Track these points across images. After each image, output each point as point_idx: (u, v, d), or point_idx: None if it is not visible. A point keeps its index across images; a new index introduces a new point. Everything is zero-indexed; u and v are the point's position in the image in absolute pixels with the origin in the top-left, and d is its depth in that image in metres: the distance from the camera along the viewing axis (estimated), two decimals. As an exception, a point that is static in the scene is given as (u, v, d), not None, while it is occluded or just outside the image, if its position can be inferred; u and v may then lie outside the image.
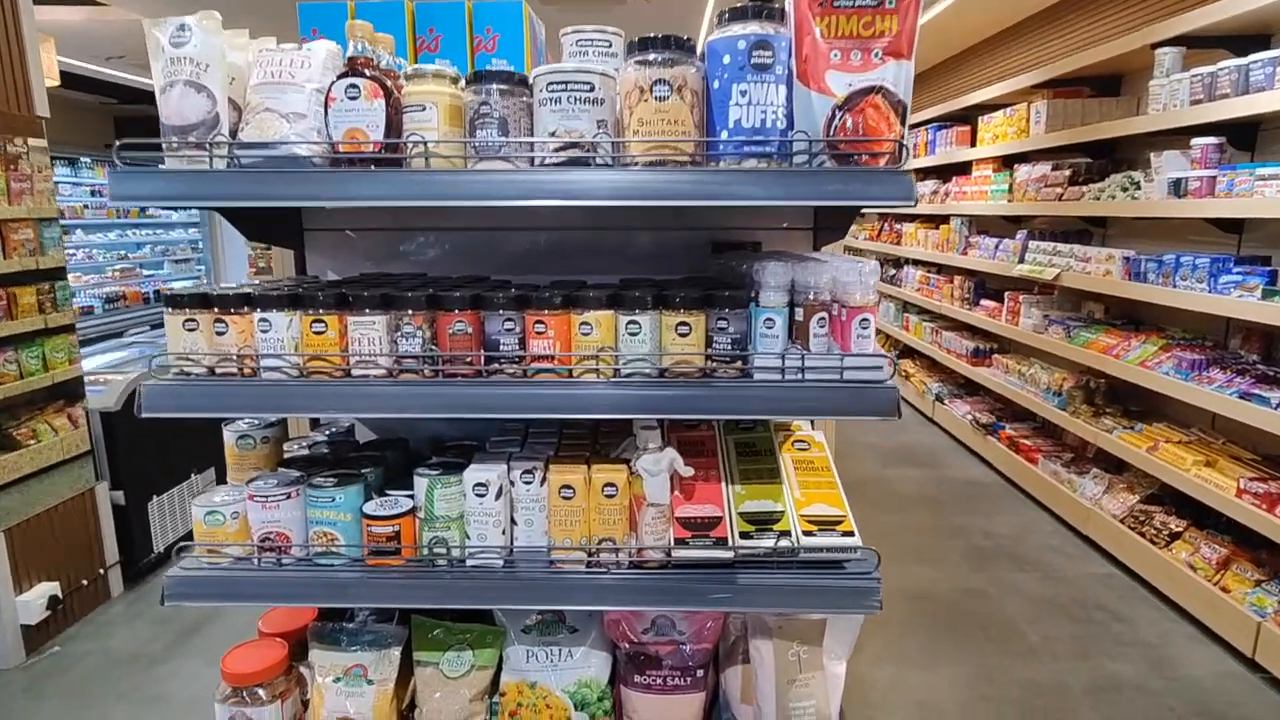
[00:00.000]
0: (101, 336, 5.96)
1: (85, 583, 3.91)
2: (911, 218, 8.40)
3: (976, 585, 4.22)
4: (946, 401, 7.16)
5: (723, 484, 1.46)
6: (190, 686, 3.30)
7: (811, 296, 1.32)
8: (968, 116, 6.96)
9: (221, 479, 3.98)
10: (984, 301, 6.56)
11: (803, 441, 1.62)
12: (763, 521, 1.40)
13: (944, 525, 5.05)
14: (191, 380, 1.30)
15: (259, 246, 7.23)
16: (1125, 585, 4.24)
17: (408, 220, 1.86)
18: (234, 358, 1.31)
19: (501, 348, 1.31)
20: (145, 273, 8.96)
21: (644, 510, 1.36)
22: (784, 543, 1.36)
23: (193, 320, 1.30)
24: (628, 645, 1.48)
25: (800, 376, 1.30)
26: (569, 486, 1.36)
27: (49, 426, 3.94)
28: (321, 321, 1.30)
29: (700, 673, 1.48)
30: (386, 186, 1.20)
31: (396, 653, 1.50)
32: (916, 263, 8.20)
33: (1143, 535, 4.26)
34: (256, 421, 1.56)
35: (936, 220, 7.71)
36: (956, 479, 5.97)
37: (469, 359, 1.31)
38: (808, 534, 1.38)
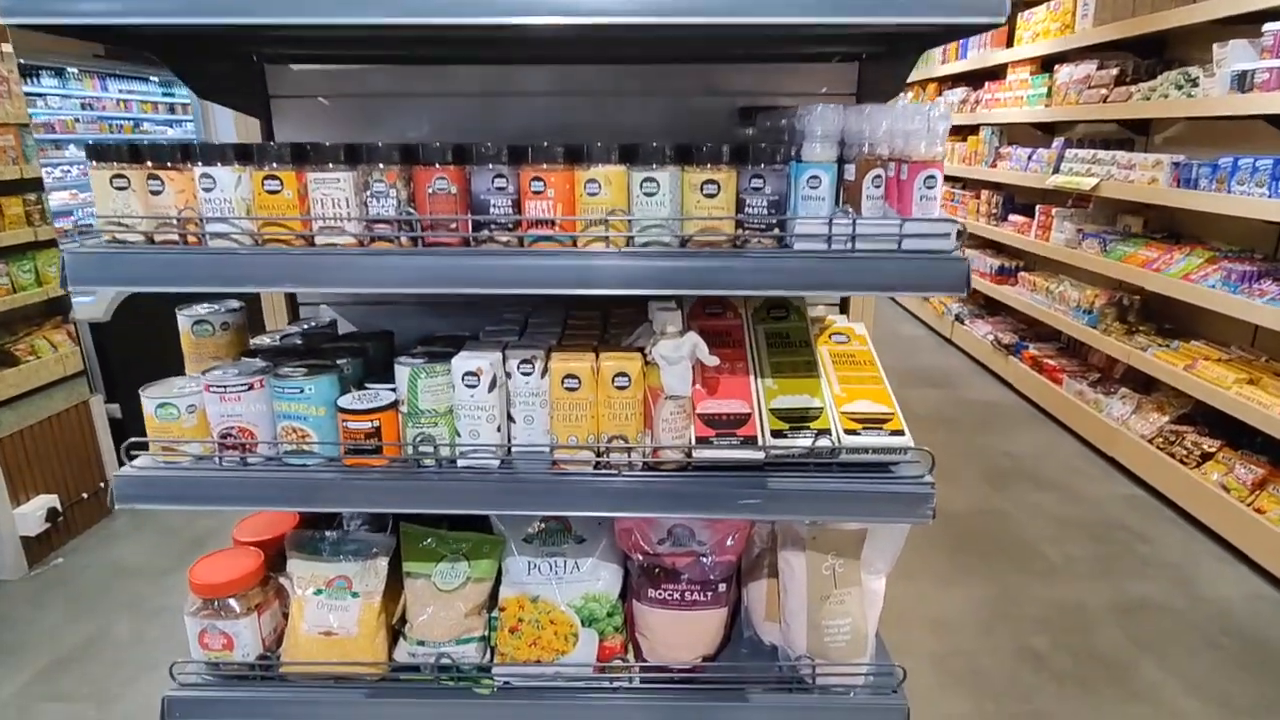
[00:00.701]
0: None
1: (85, 496, 3.83)
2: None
3: (996, 505, 4.10)
4: (966, 322, 6.92)
5: (751, 378, 1.27)
6: (191, 599, 3.25)
7: (866, 150, 1.09)
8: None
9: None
10: (1012, 217, 6.23)
11: (841, 334, 1.42)
12: (798, 419, 1.22)
13: (962, 445, 4.90)
14: (125, 248, 1.10)
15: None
16: (1150, 506, 4.11)
17: (388, 84, 1.61)
18: (174, 222, 1.10)
19: (492, 210, 1.09)
20: (141, 189, 8.66)
21: (661, 404, 1.17)
22: (823, 442, 1.18)
23: (122, 176, 1.09)
24: (641, 557, 1.33)
25: (849, 246, 1.08)
26: (574, 376, 1.16)
27: (48, 342, 3.80)
28: (276, 178, 1.08)
29: (722, 587, 1.33)
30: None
31: (383, 564, 1.35)
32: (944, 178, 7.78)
33: (1172, 456, 4.10)
34: (216, 306, 1.37)
35: (964, 132, 7.27)
36: (975, 400, 5.80)
37: (453, 224, 1.10)
38: (850, 433, 1.20)
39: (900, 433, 1.21)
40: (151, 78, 8.65)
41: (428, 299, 1.71)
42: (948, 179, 7.51)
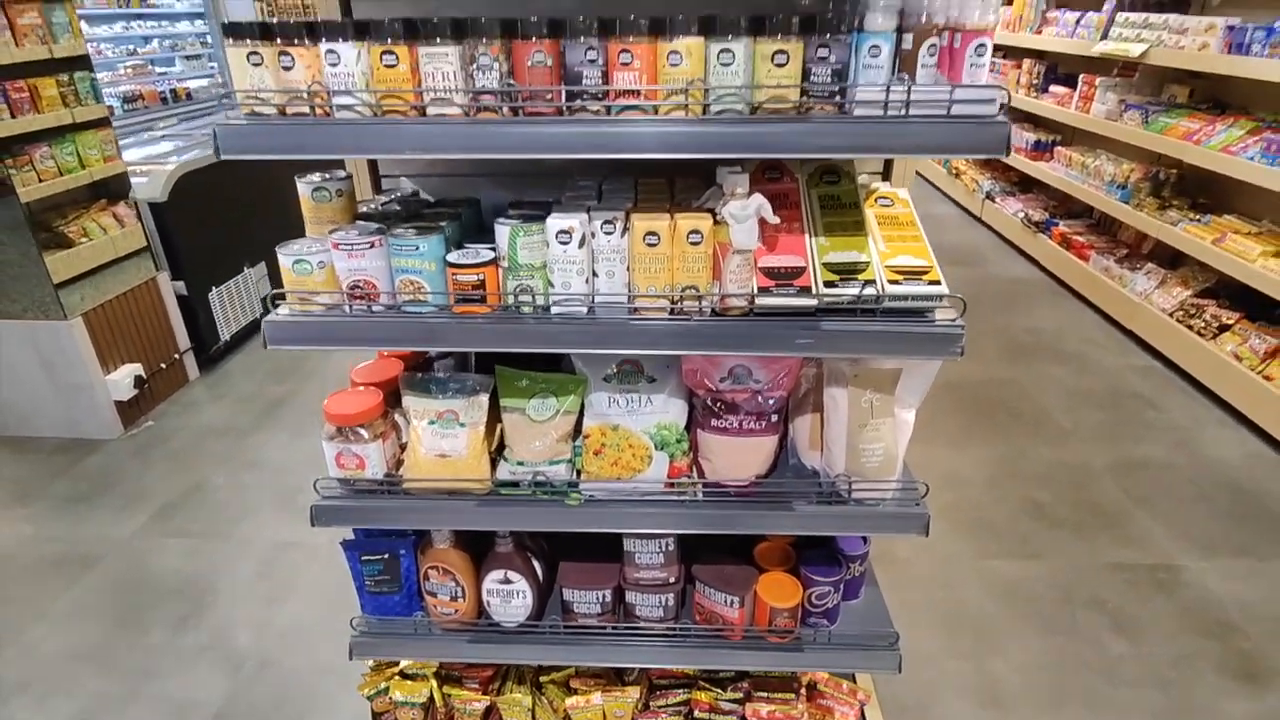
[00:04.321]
0: (125, 137, 5.82)
1: (164, 366, 4.16)
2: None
3: (1012, 375, 4.31)
4: (997, 200, 6.87)
5: (806, 236, 1.43)
6: (281, 454, 3.61)
7: (925, 19, 1.19)
8: None
9: (274, 276, 4.07)
10: (1053, 88, 6.05)
11: (886, 199, 1.56)
12: (847, 271, 1.39)
13: (984, 320, 5.06)
14: (264, 120, 1.25)
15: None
16: (1163, 377, 4.30)
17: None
18: (304, 95, 1.24)
19: (584, 81, 1.22)
20: (158, 70, 8.56)
21: (729, 258, 1.34)
22: (869, 291, 1.36)
23: (256, 54, 1.22)
24: (705, 393, 1.54)
25: (904, 112, 1.21)
26: (654, 233, 1.33)
27: (97, 225, 3.98)
28: (392, 53, 1.21)
29: (774, 418, 1.55)
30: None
31: (484, 398, 1.58)
32: (982, 46, 7.45)
33: (1190, 328, 4.24)
34: (328, 174, 1.53)
35: (1010, -6, 6.90)
36: (1001, 277, 5.89)
37: (549, 94, 1.23)
38: (893, 283, 1.37)
39: (937, 283, 1.38)
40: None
41: (502, 168, 1.85)
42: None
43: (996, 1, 1.16)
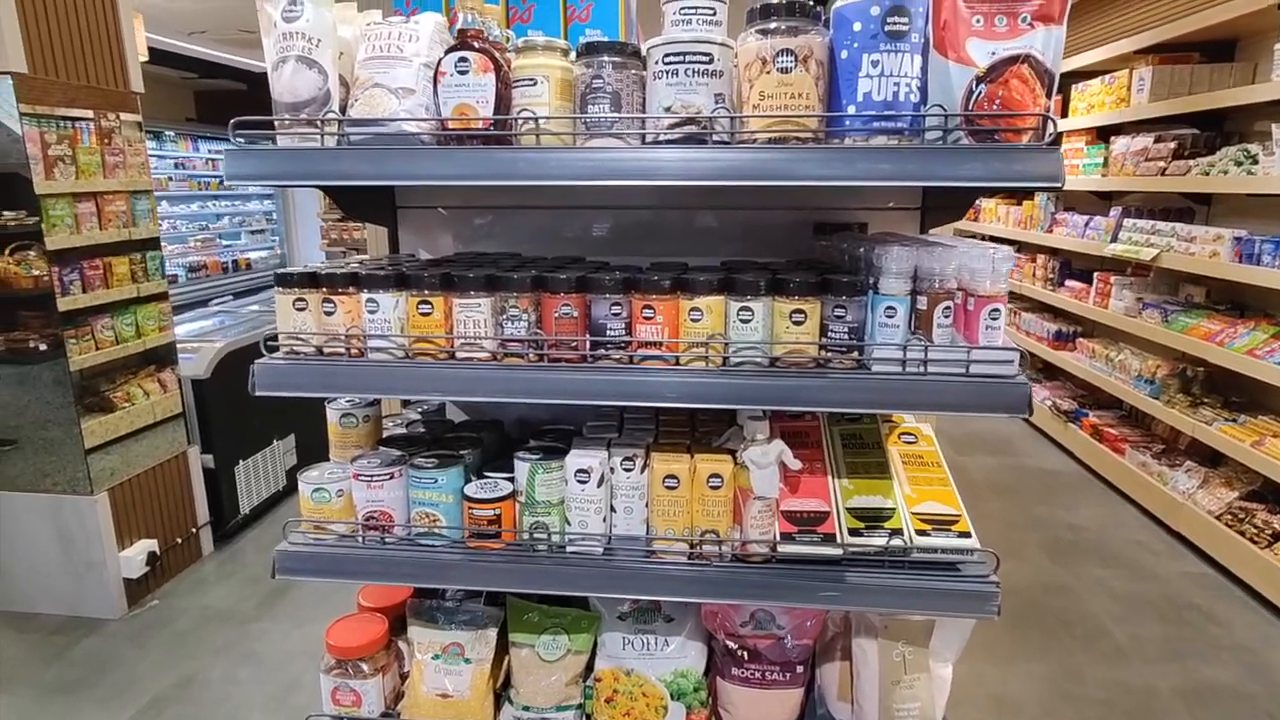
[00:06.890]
0: (186, 304, 6.21)
1: (179, 541, 4.11)
2: (991, 192, 8.00)
3: (1058, 580, 4.06)
4: (1023, 386, 6.85)
5: (829, 478, 1.41)
6: (281, 645, 3.45)
7: (937, 284, 1.24)
8: (1060, 85, 6.56)
9: (302, 448, 4.10)
10: (1069, 282, 6.23)
11: (910, 434, 1.55)
12: (872, 519, 1.34)
13: (1022, 516, 4.86)
14: (301, 360, 1.31)
15: (332, 218, 7.40)
16: (1220, 585, 4.01)
17: (502, 198, 1.83)
18: (342, 338, 1.31)
19: (608, 332, 1.27)
20: (224, 243, 9.32)
21: (750, 503, 1.31)
22: (896, 542, 1.30)
23: (302, 300, 1.30)
24: (725, 637, 1.45)
25: (922, 369, 1.22)
26: (673, 476, 1.32)
27: (142, 390, 4.13)
28: (428, 303, 1.28)
29: (800, 668, 1.44)
30: (499, 165, 1.17)
31: (493, 633, 1.51)
32: (996, 240, 7.83)
33: (1241, 534, 4.01)
34: (358, 400, 1.57)
35: (1019, 195, 7.33)
36: (1035, 468, 5.73)
37: (574, 343, 1.28)
38: (921, 534, 1.32)
39: (967, 534, 1.32)
40: (239, 140, 9.29)
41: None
42: (1005, 242, 7.56)
43: (1005, 272, 1.20)
